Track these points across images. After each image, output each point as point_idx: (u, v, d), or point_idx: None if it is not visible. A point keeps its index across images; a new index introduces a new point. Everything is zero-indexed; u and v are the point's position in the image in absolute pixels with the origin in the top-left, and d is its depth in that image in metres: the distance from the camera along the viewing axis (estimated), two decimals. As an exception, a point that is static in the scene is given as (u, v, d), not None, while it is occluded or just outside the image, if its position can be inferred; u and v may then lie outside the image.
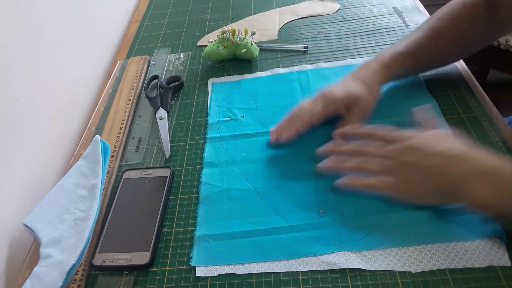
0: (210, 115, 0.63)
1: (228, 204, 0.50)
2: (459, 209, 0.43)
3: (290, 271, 0.42)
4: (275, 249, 0.44)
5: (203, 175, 0.54)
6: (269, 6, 0.87)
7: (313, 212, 0.47)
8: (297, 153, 0.54)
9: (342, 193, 0.48)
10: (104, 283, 0.45)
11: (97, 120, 0.67)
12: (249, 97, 0.64)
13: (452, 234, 0.42)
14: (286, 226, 0.46)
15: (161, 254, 0.46)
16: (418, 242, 0.42)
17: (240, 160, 0.55)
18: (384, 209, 0.45)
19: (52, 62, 0.65)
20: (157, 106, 0.65)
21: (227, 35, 0.69)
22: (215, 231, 0.47)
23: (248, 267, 0.43)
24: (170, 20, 0.88)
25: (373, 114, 0.54)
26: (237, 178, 0.52)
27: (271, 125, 0.57)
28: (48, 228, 0.47)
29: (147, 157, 0.59)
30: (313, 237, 0.45)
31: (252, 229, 0.47)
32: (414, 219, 0.44)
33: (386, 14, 0.76)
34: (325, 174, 0.49)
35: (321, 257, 0.43)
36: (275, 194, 0.50)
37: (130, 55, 0.80)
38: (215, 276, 0.43)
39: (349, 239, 0.44)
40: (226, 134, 0.59)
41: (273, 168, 0.53)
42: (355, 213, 0.46)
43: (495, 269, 0.39)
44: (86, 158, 0.55)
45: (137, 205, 0.51)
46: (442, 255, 0.41)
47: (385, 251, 0.42)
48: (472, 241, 0.41)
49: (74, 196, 0.51)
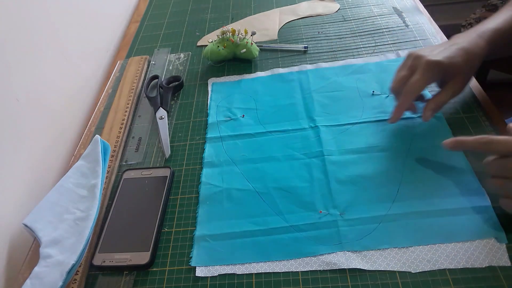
0: (210, 115, 0.62)
1: (228, 204, 0.50)
2: (459, 209, 0.43)
3: (290, 271, 0.42)
4: (275, 249, 0.44)
5: (203, 175, 0.54)
6: (269, 6, 0.86)
7: (313, 212, 0.47)
8: (295, 153, 0.54)
9: (343, 193, 0.48)
10: (104, 283, 0.45)
11: (97, 120, 0.67)
12: (249, 97, 0.64)
13: (452, 234, 0.42)
14: (286, 226, 0.46)
15: (161, 254, 0.46)
16: (418, 242, 0.42)
17: (240, 160, 0.55)
18: (384, 209, 0.46)
19: (52, 62, 0.65)
20: (157, 106, 0.65)
21: (227, 35, 0.69)
22: (215, 231, 0.47)
23: (248, 267, 0.43)
24: (170, 20, 0.88)
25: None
26: (237, 178, 0.52)
27: (271, 125, 0.58)
28: (48, 228, 0.47)
29: (147, 157, 0.59)
30: (313, 237, 0.45)
31: (252, 229, 0.46)
32: (414, 219, 0.44)
33: (386, 14, 0.76)
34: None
35: (321, 257, 0.43)
36: (275, 194, 0.50)
37: (130, 55, 0.80)
38: (215, 276, 0.43)
39: (349, 239, 0.44)
40: (226, 134, 0.59)
41: (273, 168, 0.53)
42: (355, 213, 0.46)
43: (495, 269, 0.39)
44: (86, 158, 0.55)
45: (137, 205, 0.51)
46: (442, 255, 0.41)
47: (385, 251, 0.42)
48: (472, 241, 0.41)
49: (74, 196, 0.51)
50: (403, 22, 0.73)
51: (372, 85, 0.61)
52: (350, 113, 0.58)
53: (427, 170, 0.48)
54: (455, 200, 0.45)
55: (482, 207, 0.44)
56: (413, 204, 0.45)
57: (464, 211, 0.44)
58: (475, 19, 1.25)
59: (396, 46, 0.67)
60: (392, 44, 0.68)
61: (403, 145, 0.52)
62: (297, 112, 0.60)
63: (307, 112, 0.59)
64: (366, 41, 0.71)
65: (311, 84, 0.64)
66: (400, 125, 0.54)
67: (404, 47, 0.67)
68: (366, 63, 0.65)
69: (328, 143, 0.54)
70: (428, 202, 0.45)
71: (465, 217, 0.43)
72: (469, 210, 0.44)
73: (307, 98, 0.62)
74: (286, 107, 0.60)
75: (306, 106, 0.60)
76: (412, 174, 0.48)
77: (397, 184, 0.48)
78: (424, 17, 0.73)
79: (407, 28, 0.71)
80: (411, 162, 0.50)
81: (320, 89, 0.63)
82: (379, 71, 0.63)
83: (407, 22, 0.73)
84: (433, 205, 0.45)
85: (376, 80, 0.62)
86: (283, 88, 0.65)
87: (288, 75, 0.67)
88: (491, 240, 0.41)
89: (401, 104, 0.51)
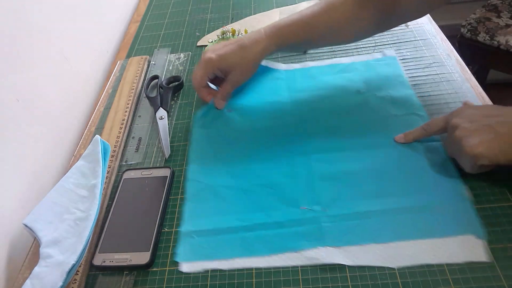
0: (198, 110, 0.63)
1: (213, 201, 0.50)
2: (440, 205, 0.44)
3: (272, 266, 0.43)
4: (259, 244, 0.45)
5: (189, 171, 0.54)
6: (269, 6, 0.86)
7: (296, 208, 0.48)
8: (280, 150, 0.55)
9: (325, 189, 0.49)
10: (104, 283, 0.45)
11: (97, 120, 0.67)
12: (236, 93, 0.65)
13: (433, 230, 0.43)
14: (270, 222, 0.47)
15: (161, 254, 0.46)
16: (400, 238, 0.43)
17: (225, 156, 0.55)
18: (367, 205, 0.46)
19: (52, 62, 0.65)
20: (157, 106, 0.65)
21: (227, 35, 0.69)
22: (200, 227, 0.48)
23: (232, 262, 0.44)
24: (170, 20, 0.88)
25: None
26: (222, 175, 0.53)
27: (256, 122, 0.59)
28: (48, 228, 0.47)
29: (147, 157, 0.59)
30: (296, 232, 0.45)
31: (236, 226, 0.47)
32: (396, 215, 0.45)
33: (386, 14, 0.76)
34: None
35: (303, 252, 0.43)
36: (259, 191, 0.50)
37: (130, 55, 0.80)
38: (215, 275, 0.43)
39: (331, 235, 0.44)
40: (212, 130, 0.60)
41: (257, 165, 0.53)
42: (337, 210, 0.46)
43: (495, 269, 0.39)
44: (86, 158, 0.55)
45: (137, 205, 0.51)
46: (423, 250, 0.41)
47: (366, 246, 0.43)
48: (452, 237, 0.42)
49: (74, 196, 0.51)
50: (403, 22, 0.73)
51: (358, 84, 0.62)
52: (335, 111, 0.59)
53: (410, 167, 0.49)
54: (437, 196, 0.46)
55: (463, 204, 0.44)
56: (396, 200, 0.46)
57: (445, 208, 0.44)
58: (475, 19, 1.25)
59: (396, 46, 0.67)
60: (392, 44, 0.68)
61: (388, 142, 0.53)
62: (283, 110, 0.61)
63: (293, 110, 0.60)
64: (366, 41, 0.70)
65: (297, 83, 0.65)
66: (386, 123, 0.55)
67: (404, 47, 0.67)
68: (352, 62, 0.66)
69: (313, 140, 0.55)
70: (411, 198, 0.46)
71: (446, 213, 0.44)
72: (450, 207, 0.44)
73: (294, 96, 0.63)
74: (272, 105, 0.62)
75: (292, 104, 0.61)
76: (396, 171, 0.49)
77: (380, 181, 0.48)
78: (424, 17, 0.73)
79: (407, 28, 0.71)
80: (393, 159, 0.50)
81: (307, 88, 0.64)
82: (365, 70, 0.64)
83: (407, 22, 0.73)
84: (415, 201, 0.46)
85: (362, 79, 0.63)
86: (270, 85, 0.66)
87: (275, 73, 0.68)
88: (470, 236, 0.42)
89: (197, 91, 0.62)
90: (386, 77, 0.62)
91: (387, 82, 0.61)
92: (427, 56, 0.64)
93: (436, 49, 0.65)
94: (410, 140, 0.51)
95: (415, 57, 0.65)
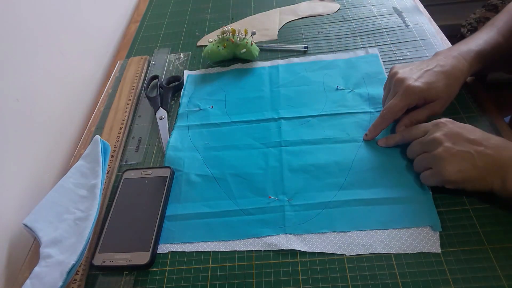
0: (181, 106, 0.65)
1: (186, 188, 0.52)
2: (400, 198, 0.46)
3: (235, 250, 0.45)
4: (223, 230, 0.47)
5: (165, 159, 0.56)
6: (269, 6, 0.86)
7: (264, 198, 0.49)
8: (255, 143, 0.56)
9: (293, 180, 0.50)
10: (104, 283, 0.45)
11: (97, 120, 0.67)
12: (219, 89, 0.66)
13: (390, 221, 0.45)
14: (237, 209, 0.49)
15: (161, 254, 0.46)
16: (356, 227, 0.45)
17: (203, 147, 0.57)
18: (330, 196, 0.48)
19: (52, 62, 0.65)
20: (157, 106, 0.65)
21: (227, 35, 0.69)
22: (170, 212, 0.50)
23: (196, 245, 0.46)
24: (170, 20, 0.88)
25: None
26: (198, 164, 0.55)
27: (236, 116, 0.61)
28: (48, 228, 0.47)
29: (147, 157, 0.59)
30: (260, 220, 0.47)
31: (204, 211, 0.49)
32: (356, 206, 0.47)
33: (386, 14, 0.76)
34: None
35: (264, 239, 0.46)
36: (231, 180, 0.52)
37: (130, 55, 0.80)
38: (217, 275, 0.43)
39: (292, 223, 0.46)
40: (193, 123, 0.61)
41: (233, 156, 0.55)
42: (302, 200, 0.48)
43: (496, 269, 0.39)
44: (86, 158, 0.55)
45: (137, 205, 0.51)
46: (377, 240, 0.43)
47: (324, 235, 0.45)
48: (408, 228, 0.44)
49: (74, 196, 0.51)
50: (403, 22, 0.73)
51: (337, 80, 0.64)
52: (312, 106, 0.60)
53: (375, 161, 0.51)
54: (398, 189, 0.47)
55: (422, 197, 0.46)
56: (358, 192, 0.48)
57: (405, 200, 0.46)
58: (475, 19, 1.25)
59: (396, 46, 0.68)
60: (392, 44, 0.68)
61: (358, 137, 0.54)
62: (263, 105, 0.62)
63: (273, 105, 0.62)
64: (366, 41, 0.71)
65: (280, 78, 0.66)
66: (358, 119, 0.57)
67: (404, 47, 0.67)
68: (335, 59, 0.68)
69: (287, 134, 0.57)
70: (372, 191, 0.48)
71: (406, 205, 0.46)
72: (410, 199, 0.46)
73: (275, 91, 0.64)
74: (253, 100, 0.64)
75: (273, 99, 0.63)
76: (361, 164, 0.51)
77: (346, 174, 0.50)
78: (424, 17, 0.73)
79: (407, 28, 0.71)
80: (362, 154, 0.52)
81: (288, 83, 0.65)
82: (347, 67, 0.66)
83: (407, 22, 0.73)
84: (376, 193, 0.47)
85: (342, 75, 0.64)
86: (253, 81, 0.67)
87: (259, 69, 0.69)
88: (426, 228, 0.43)
89: (377, 125, 0.53)
90: (366, 75, 0.64)
91: (367, 79, 0.63)
92: (427, 56, 0.64)
93: (436, 49, 0.65)
94: (391, 144, 0.52)
95: (415, 57, 0.65)
